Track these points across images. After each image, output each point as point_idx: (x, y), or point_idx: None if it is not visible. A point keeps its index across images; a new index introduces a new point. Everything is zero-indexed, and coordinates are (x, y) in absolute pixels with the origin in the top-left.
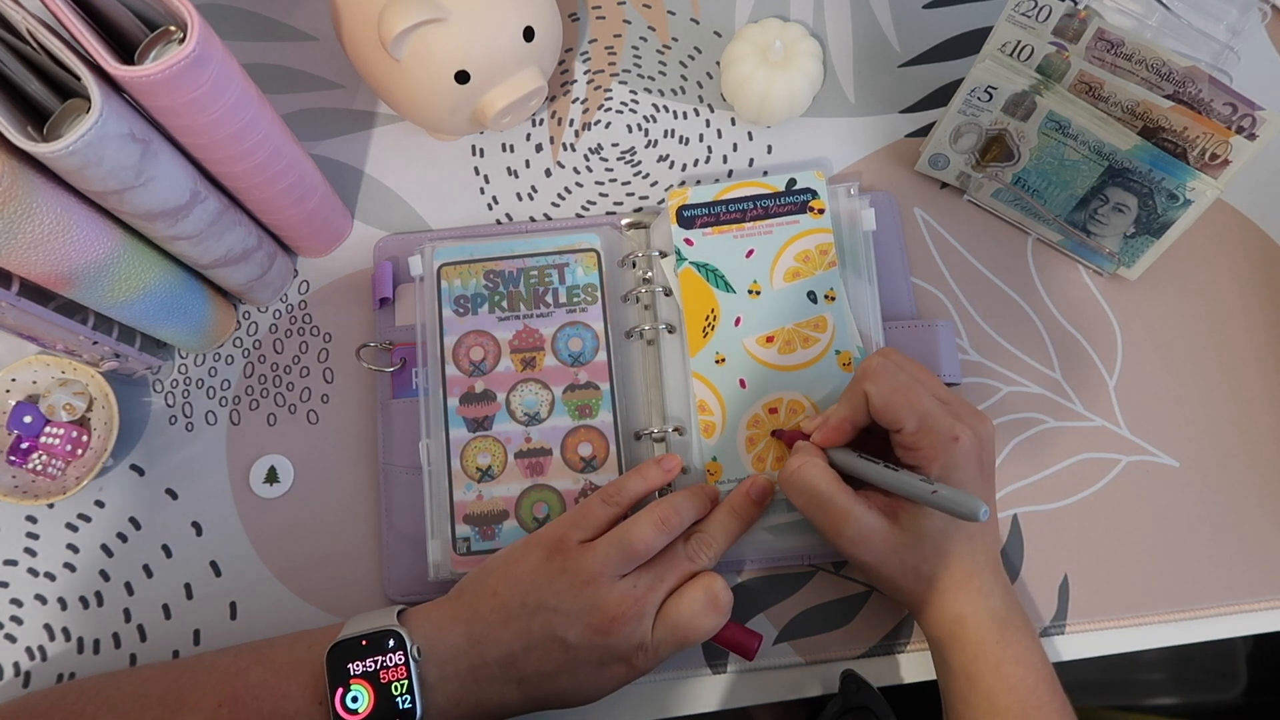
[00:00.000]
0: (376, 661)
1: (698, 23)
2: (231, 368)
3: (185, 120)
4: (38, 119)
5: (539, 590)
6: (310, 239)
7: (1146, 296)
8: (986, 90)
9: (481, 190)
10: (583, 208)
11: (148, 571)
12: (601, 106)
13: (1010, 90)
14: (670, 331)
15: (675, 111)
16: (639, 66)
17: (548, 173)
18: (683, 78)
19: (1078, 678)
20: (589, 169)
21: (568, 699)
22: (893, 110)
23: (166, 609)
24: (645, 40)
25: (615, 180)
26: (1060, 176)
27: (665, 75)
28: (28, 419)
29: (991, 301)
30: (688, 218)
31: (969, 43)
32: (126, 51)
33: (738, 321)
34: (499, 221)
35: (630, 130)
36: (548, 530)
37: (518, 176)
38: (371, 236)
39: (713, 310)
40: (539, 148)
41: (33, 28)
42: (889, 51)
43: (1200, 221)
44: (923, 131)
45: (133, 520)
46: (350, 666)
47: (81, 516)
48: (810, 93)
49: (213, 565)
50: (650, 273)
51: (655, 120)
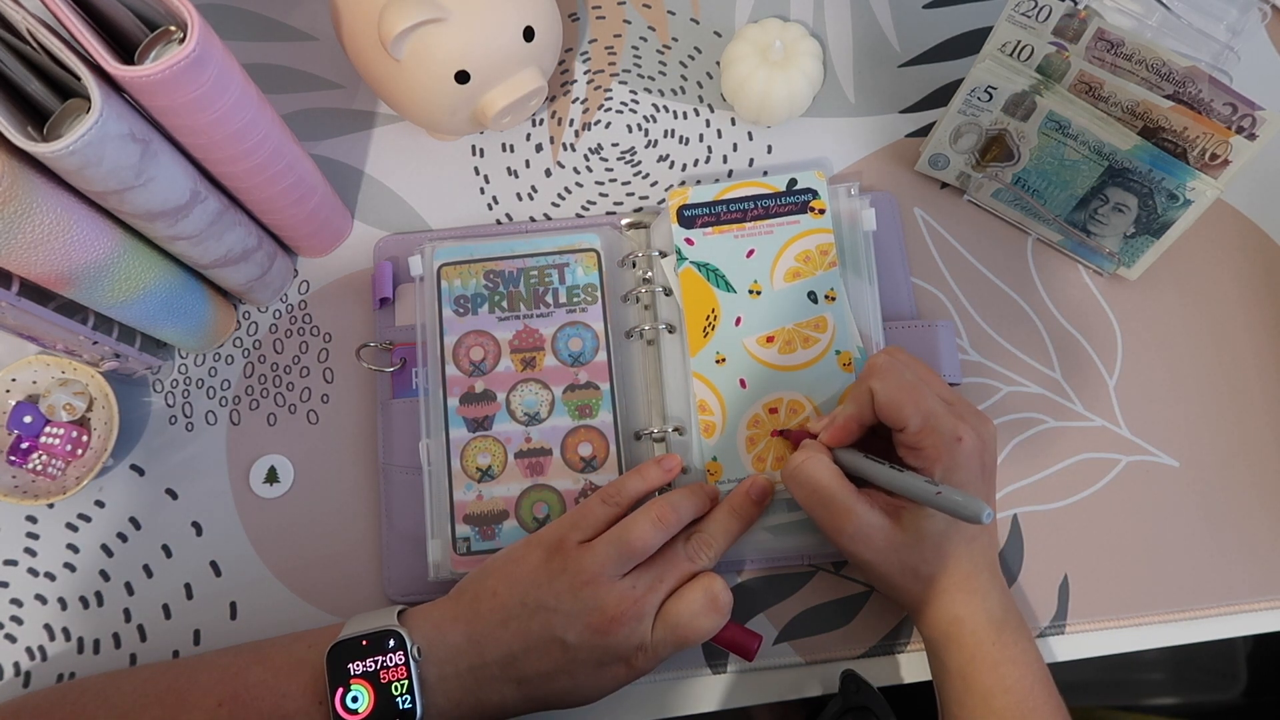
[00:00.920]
0: (377, 661)
1: (698, 23)
2: (231, 368)
3: (185, 120)
4: (38, 119)
5: (538, 590)
6: (310, 239)
7: (1146, 296)
8: (986, 90)
9: (481, 190)
10: (583, 208)
11: (148, 571)
12: (601, 106)
13: (1010, 90)
14: (670, 331)
15: (675, 111)
16: (639, 66)
17: (548, 173)
18: (683, 78)
19: (1078, 678)
20: (589, 169)
21: (567, 699)
22: (893, 110)
23: (166, 609)
24: (645, 40)
25: (615, 180)
26: (1060, 176)
27: (665, 75)
28: (28, 419)
29: (991, 301)
30: (688, 217)
31: (969, 43)
32: (126, 51)
33: (738, 321)
34: (499, 221)
35: (630, 130)
36: (548, 531)
37: (518, 176)
38: (371, 236)
39: (713, 310)
40: (539, 148)
41: (33, 28)
42: (889, 51)
43: (1200, 221)
44: (923, 131)
45: (133, 520)
46: (350, 666)
47: (81, 516)
48: (810, 93)
49: (213, 565)
50: (650, 273)
51: (655, 120)
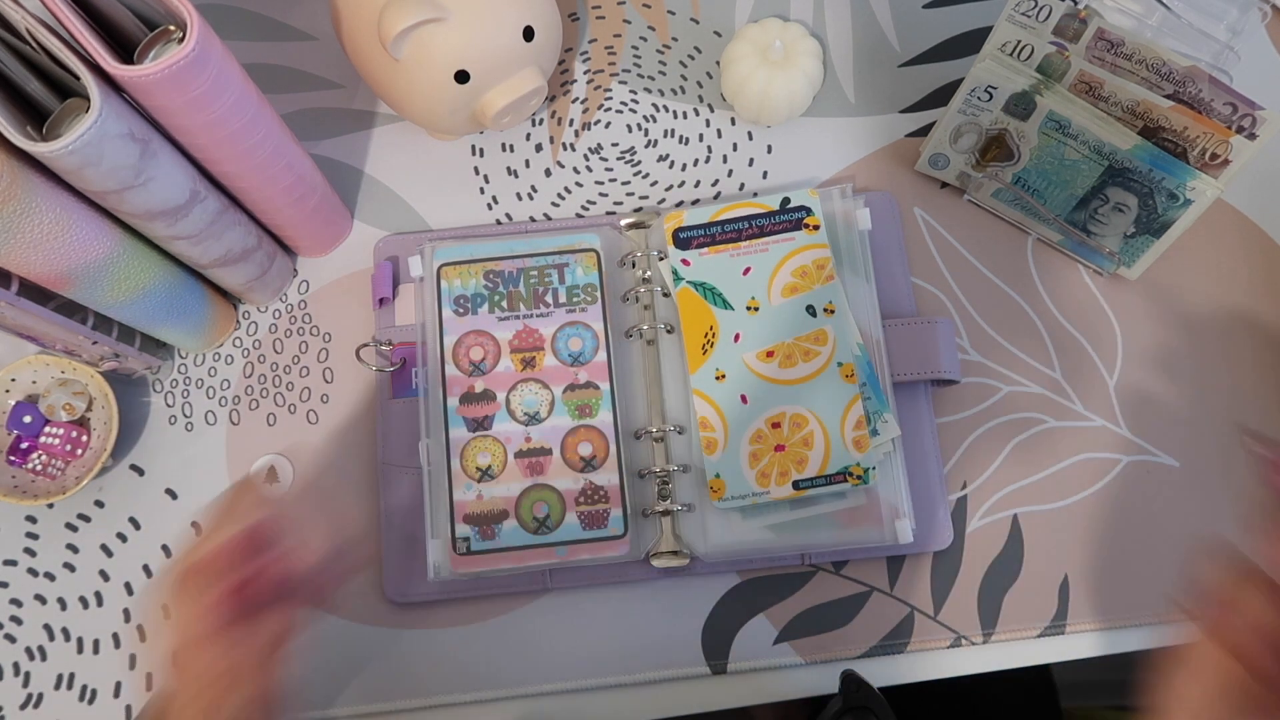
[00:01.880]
0: None
1: (698, 22)
2: (231, 368)
3: (185, 120)
4: (37, 119)
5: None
6: (310, 239)
7: (1146, 296)
8: (986, 90)
9: (481, 190)
10: (582, 208)
11: (148, 572)
12: (601, 106)
13: (1010, 90)
14: (669, 331)
15: (675, 111)
16: (639, 66)
17: (548, 173)
18: (683, 78)
19: (1078, 678)
20: (589, 169)
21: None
22: (893, 110)
23: (166, 609)
24: (645, 40)
25: (615, 180)
26: (1060, 176)
27: (665, 75)
28: (27, 419)
29: (991, 301)
30: (684, 239)
31: (969, 43)
32: (126, 51)
33: (737, 338)
34: (499, 221)
35: (630, 130)
36: None
37: (518, 176)
38: (371, 236)
39: (711, 327)
40: (539, 148)
41: (32, 27)
42: (889, 51)
43: (1200, 221)
44: (923, 131)
45: (132, 520)
46: None
47: (81, 516)
48: (810, 93)
49: None
50: (649, 272)
51: (655, 120)
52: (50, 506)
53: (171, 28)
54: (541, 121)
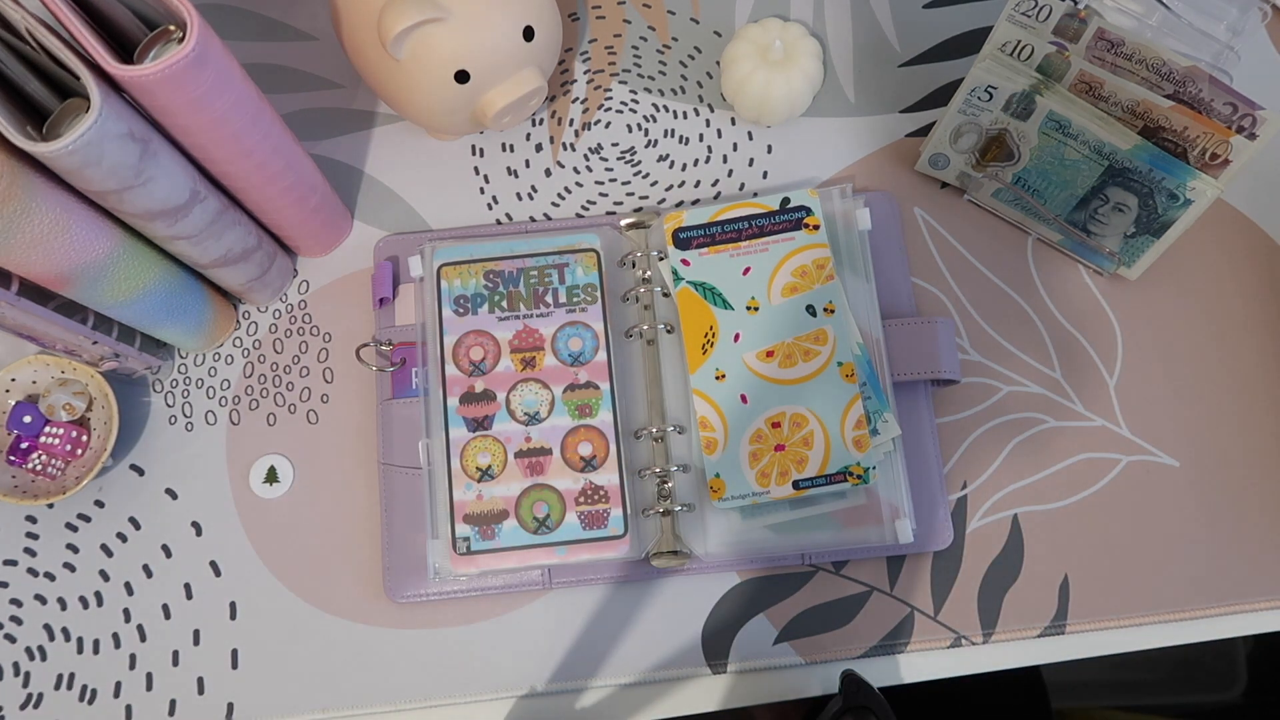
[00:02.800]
0: None
1: (698, 22)
2: (231, 368)
3: (185, 120)
4: (37, 118)
5: None
6: (310, 239)
7: (1146, 296)
8: (986, 90)
9: (481, 190)
10: (582, 208)
11: (147, 571)
12: (601, 106)
13: (1010, 90)
14: (669, 331)
15: (675, 111)
16: (639, 66)
17: (548, 173)
18: (683, 77)
19: (1078, 678)
20: (589, 169)
21: None
22: (893, 110)
23: (166, 609)
24: (645, 40)
25: (615, 180)
26: (1060, 176)
27: (665, 75)
28: (27, 419)
29: (991, 301)
30: (684, 239)
31: (969, 43)
32: (126, 51)
33: (737, 337)
34: (499, 221)
35: (630, 130)
36: None
37: (518, 176)
38: (371, 236)
39: (711, 327)
40: (539, 147)
41: (32, 27)
42: (889, 51)
43: (1200, 221)
44: (923, 131)
45: (133, 520)
46: None
47: (81, 516)
48: (810, 93)
49: (212, 565)
50: (649, 272)
51: (655, 120)
52: (50, 506)
53: (171, 28)
54: (541, 121)
